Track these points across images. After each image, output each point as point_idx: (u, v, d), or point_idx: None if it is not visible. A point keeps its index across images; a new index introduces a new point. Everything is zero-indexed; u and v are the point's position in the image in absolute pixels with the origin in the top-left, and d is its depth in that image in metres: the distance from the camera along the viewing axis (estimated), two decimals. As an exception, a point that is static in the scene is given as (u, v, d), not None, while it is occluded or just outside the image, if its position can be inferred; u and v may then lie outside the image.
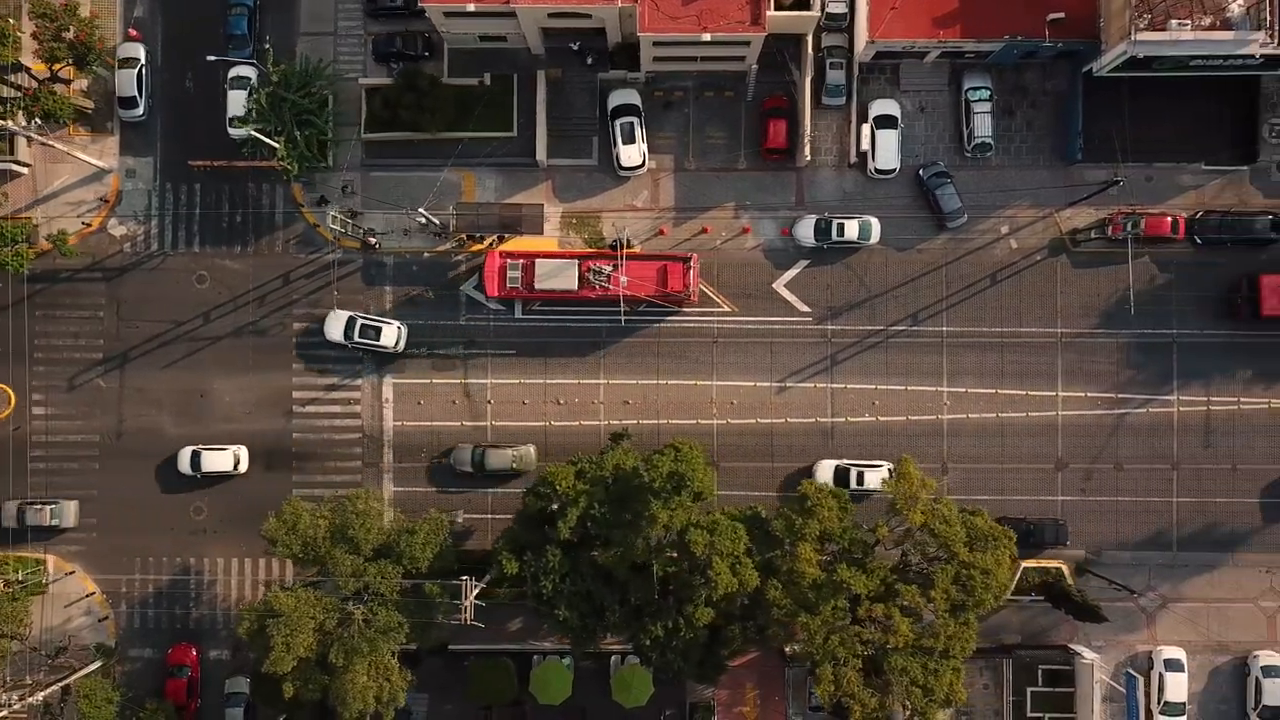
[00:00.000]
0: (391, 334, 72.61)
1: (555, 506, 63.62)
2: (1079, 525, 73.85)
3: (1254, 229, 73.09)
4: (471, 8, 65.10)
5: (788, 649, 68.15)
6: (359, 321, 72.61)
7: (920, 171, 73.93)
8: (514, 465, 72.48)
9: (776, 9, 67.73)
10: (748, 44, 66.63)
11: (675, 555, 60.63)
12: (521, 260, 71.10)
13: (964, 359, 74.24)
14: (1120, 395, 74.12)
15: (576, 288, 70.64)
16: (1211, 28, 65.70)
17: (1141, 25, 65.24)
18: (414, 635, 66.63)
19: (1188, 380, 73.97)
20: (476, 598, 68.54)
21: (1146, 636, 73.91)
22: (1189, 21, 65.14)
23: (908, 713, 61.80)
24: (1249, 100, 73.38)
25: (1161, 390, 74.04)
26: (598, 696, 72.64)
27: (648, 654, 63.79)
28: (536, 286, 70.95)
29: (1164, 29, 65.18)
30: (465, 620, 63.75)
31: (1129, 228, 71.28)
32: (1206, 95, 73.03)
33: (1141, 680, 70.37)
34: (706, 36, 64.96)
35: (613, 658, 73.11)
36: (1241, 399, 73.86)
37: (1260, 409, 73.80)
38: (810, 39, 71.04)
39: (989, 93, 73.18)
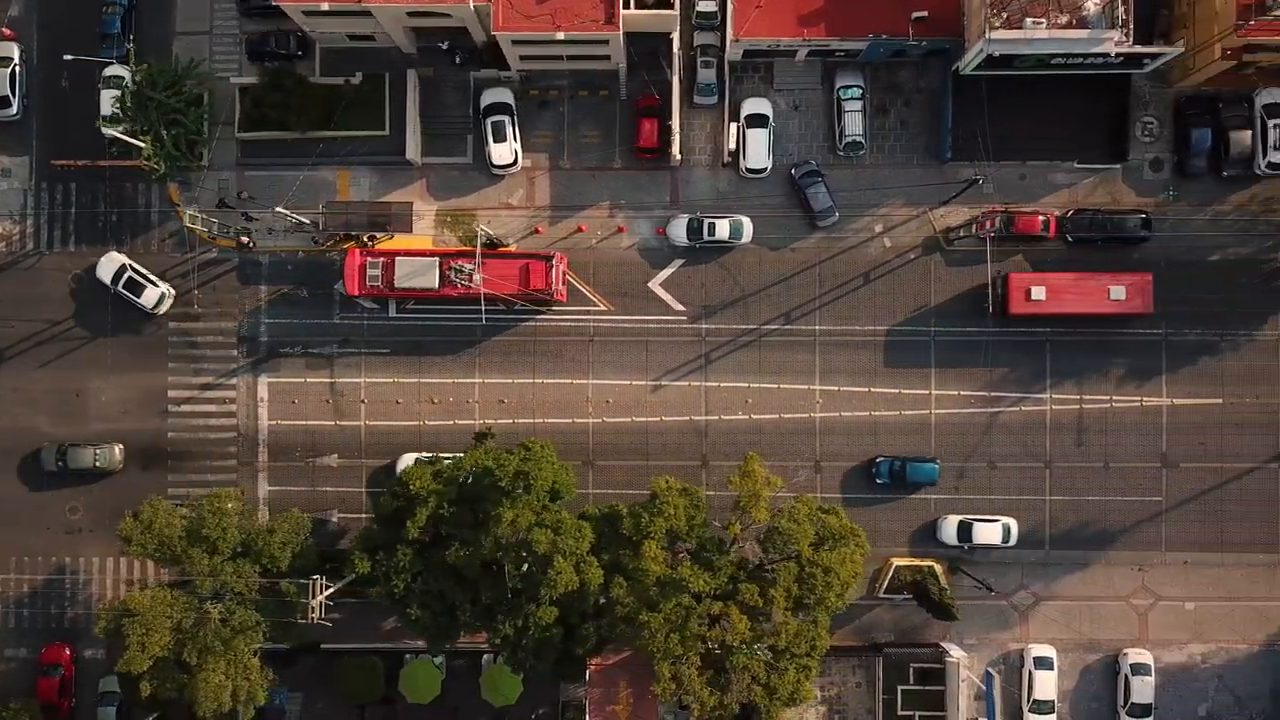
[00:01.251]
0: (153, 295, 72.47)
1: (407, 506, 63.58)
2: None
3: (1125, 227, 73.13)
4: (326, 6, 65.16)
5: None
6: (128, 273, 72.36)
7: (793, 171, 73.95)
8: (97, 464, 72.61)
9: (638, 7, 67.82)
10: (606, 43, 66.52)
11: (524, 554, 60.50)
12: (381, 259, 71.04)
13: (837, 357, 74.25)
14: (993, 394, 74.15)
15: (438, 286, 70.60)
16: (1068, 26, 65.76)
17: (997, 23, 65.29)
18: (276, 634, 66.67)
19: (1061, 379, 74.02)
20: (348, 596, 68.74)
21: (1019, 634, 73.97)
22: (1043, 20, 65.17)
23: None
24: (1121, 99, 73.43)
25: (1034, 389, 74.08)
26: (469, 696, 72.63)
27: (500, 652, 63.72)
28: (397, 285, 70.89)
29: (1019, 27, 65.21)
30: (312, 619, 63.67)
31: (996, 226, 71.20)
32: (1080, 94, 73.01)
33: (998, 678, 70.48)
34: (560, 35, 64.97)
35: (485, 657, 73.16)
36: (1114, 397, 73.92)
37: (1133, 407, 73.87)
38: (678, 37, 71.02)
39: (861, 91, 73.21)
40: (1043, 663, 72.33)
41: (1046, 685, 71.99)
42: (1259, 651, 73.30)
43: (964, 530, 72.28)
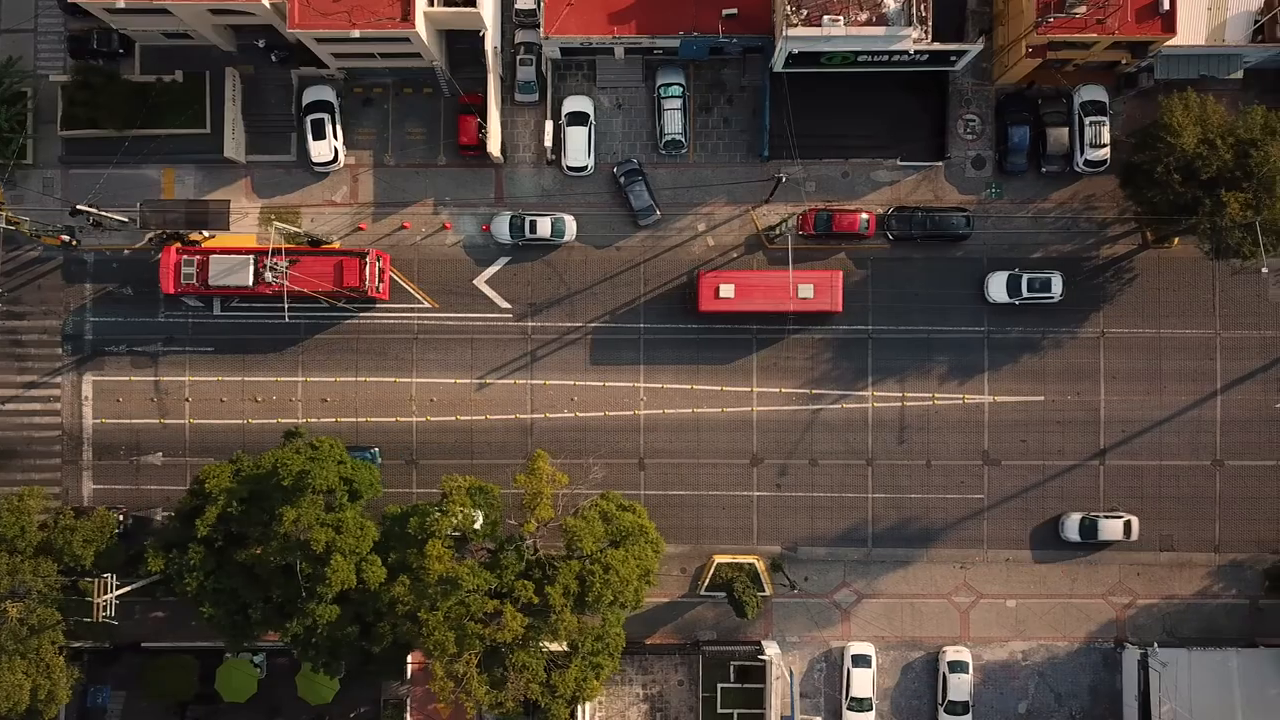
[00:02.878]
0: None
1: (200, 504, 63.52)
2: (774, 521, 74.00)
3: (946, 224, 73.18)
4: (122, 4, 64.93)
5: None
6: None
7: (615, 169, 73.92)
8: None
9: (445, 5, 67.70)
10: (407, 40, 66.40)
11: (303, 553, 60.40)
12: (197, 257, 70.88)
13: (661, 355, 74.21)
14: (815, 391, 74.18)
15: (252, 284, 70.47)
16: (867, 23, 65.79)
17: (796, 21, 65.31)
18: (81, 632, 66.57)
19: (883, 376, 74.08)
20: (170, 595, 68.43)
21: (842, 632, 74.00)
22: (841, 17, 65.17)
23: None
24: (941, 96, 73.50)
25: (856, 386, 74.11)
26: (289, 695, 72.50)
27: (293, 650, 63.72)
28: (211, 283, 70.75)
29: (818, 24, 65.22)
30: (97, 617, 63.49)
31: (789, 226, 71.08)
32: (902, 92, 73.20)
33: (797, 676, 70.46)
34: (356, 33, 64.86)
35: (305, 655, 73.03)
36: (936, 395, 73.98)
37: (954, 405, 73.92)
38: (492, 35, 70.80)
39: (681, 89, 73.17)
40: (860, 660, 72.39)
41: (863, 683, 72.04)
42: (1079, 649, 73.43)
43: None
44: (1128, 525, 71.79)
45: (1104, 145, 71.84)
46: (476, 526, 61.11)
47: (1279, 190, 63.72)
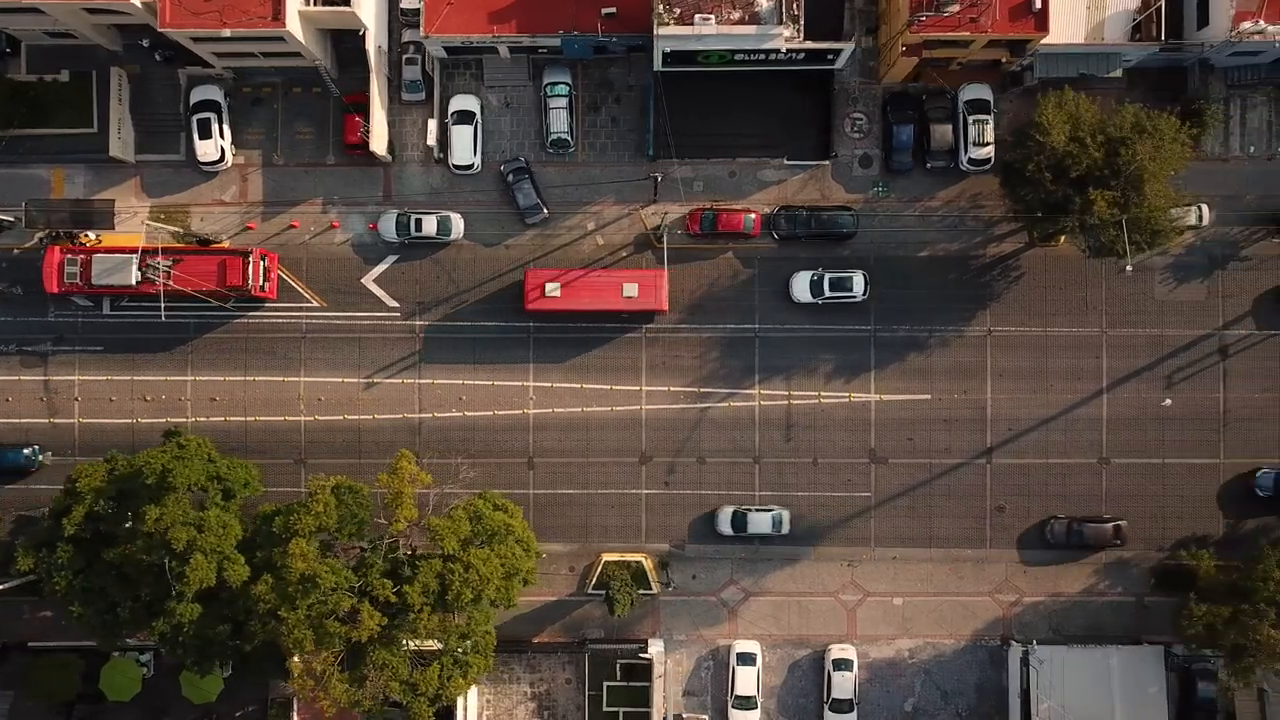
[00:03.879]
0: None
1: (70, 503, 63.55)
2: (663, 519, 74.08)
3: (832, 223, 73.22)
4: (-10, 2, 64.99)
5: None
6: None
7: (502, 168, 73.99)
8: None
9: (322, 4, 67.72)
10: (282, 39, 66.40)
11: (165, 552, 60.48)
12: (80, 256, 70.88)
13: (550, 353, 74.25)
14: (703, 389, 74.24)
15: (134, 283, 70.47)
16: (740, 22, 65.85)
17: (669, 19, 65.38)
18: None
19: (770, 375, 74.14)
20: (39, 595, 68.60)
21: (728, 630, 74.06)
22: (713, 16, 65.23)
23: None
24: (827, 96, 73.59)
25: (744, 384, 74.18)
26: (176, 693, 72.47)
27: (161, 649, 63.79)
28: (94, 282, 70.75)
29: (691, 23, 65.28)
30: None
31: (665, 224, 71.29)
32: (788, 91, 73.28)
33: (684, 674, 70.60)
34: (227, 33, 64.90)
35: (191, 655, 73.03)
36: (822, 393, 74.06)
37: (841, 403, 74.01)
38: (373, 34, 70.75)
39: (568, 89, 73.24)
40: (745, 659, 72.44)
41: (748, 681, 72.10)
42: (965, 646, 73.55)
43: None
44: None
45: (987, 144, 71.93)
46: (341, 526, 61.05)
47: (1146, 188, 63.84)
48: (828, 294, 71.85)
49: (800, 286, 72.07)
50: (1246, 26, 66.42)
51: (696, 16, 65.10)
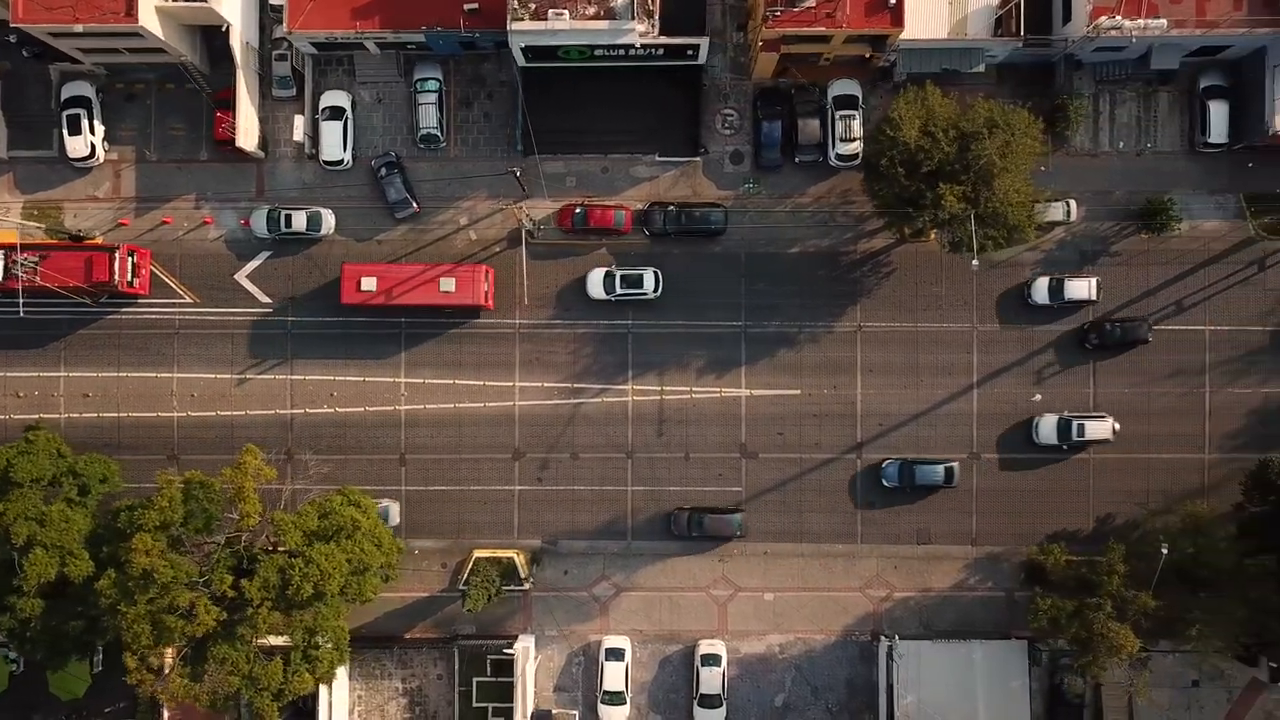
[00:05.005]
0: None
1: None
2: (535, 515, 74.10)
3: (702, 220, 73.27)
4: None
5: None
6: None
7: (373, 163, 74.02)
8: None
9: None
10: (139, 35, 66.39)
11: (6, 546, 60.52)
12: (-61, 252, 70.96)
13: (422, 350, 74.27)
14: (577, 385, 74.28)
15: (0, 279, 70.47)
16: (595, 17, 65.95)
17: (524, 15, 65.45)
18: None
19: (642, 370, 74.18)
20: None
21: (600, 626, 74.05)
22: (566, 11, 65.32)
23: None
24: (696, 92, 73.67)
25: (616, 380, 74.22)
26: (44, 690, 72.36)
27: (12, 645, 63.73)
28: (-42, 280, 70.86)
29: (545, 18, 65.35)
30: None
31: (526, 220, 71.26)
32: (660, 87, 73.32)
33: (555, 670, 70.89)
34: (79, 28, 64.87)
35: (60, 651, 72.96)
36: (694, 389, 74.11)
37: (712, 398, 74.08)
38: (238, 30, 70.76)
39: (438, 84, 73.31)
40: (614, 654, 72.41)
41: (616, 676, 72.09)
42: (835, 642, 73.58)
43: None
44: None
45: (854, 139, 72.02)
46: (187, 521, 61.05)
47: (996, 183, 63.96)
48: (619, 291, 72.06)
49: (594, 283, 72.27)
50: (1104, 22, 66.57)
51: (550, 12, 65.20)
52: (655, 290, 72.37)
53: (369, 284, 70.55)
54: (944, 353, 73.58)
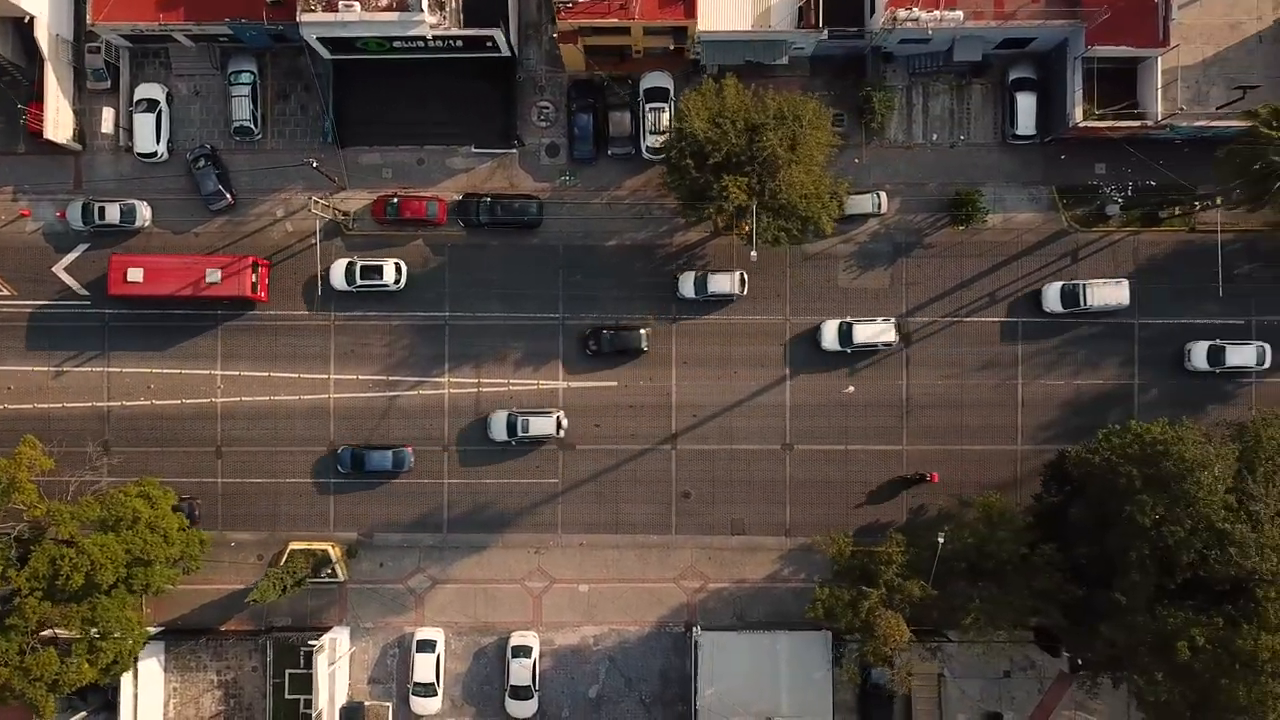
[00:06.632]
0: None
1: None
2: (352, 507, 74.18)
3: (517, 212, 73.35)
4: None
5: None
6: None
7: (188, 155, 74.02)
8: None
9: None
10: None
11: None
12: None
13: (239, 341, 74.25)
14: (392, 377, 74.34)
15: None
16: (387, 8, 65.98)
17: (315, 6, 65.47)
18: None
19: (459, 362, 74.26)
20: None
21: (415, 618, 74.13)
22: (356, 3, 65.36)
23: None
24: (510, 84, 73.76)
25: (433, 372, 74.28)
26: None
27: None
28: None
29: (335, 10, 65.40)
30: None
31: (319, 209, 71.06)
32: (476, 78, 73.43)
33: (370, 662, 71.39)
34: None
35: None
36: (511, 381, 74.21)
37: (530, 390, 74.16)
38: (45, 22, 70.61)
39: (251, 76, 73.29)
40: (425, 646, 72.53)
41: (427, 668, 72.21)
42: (650, 633, 73.73)
43: None
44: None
45: (664, 132, 72.04)
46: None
47: (782, 175, 64.08)
48: (359, 282, 72.29)
49: (337, 275, 72.46)
50: (900, 13, 66.79)
51: (340, 4, 65.20)
52: (397, 281, 72.45)
53: (135, 275, 70.58)
54: (757, 344, 73.75)
